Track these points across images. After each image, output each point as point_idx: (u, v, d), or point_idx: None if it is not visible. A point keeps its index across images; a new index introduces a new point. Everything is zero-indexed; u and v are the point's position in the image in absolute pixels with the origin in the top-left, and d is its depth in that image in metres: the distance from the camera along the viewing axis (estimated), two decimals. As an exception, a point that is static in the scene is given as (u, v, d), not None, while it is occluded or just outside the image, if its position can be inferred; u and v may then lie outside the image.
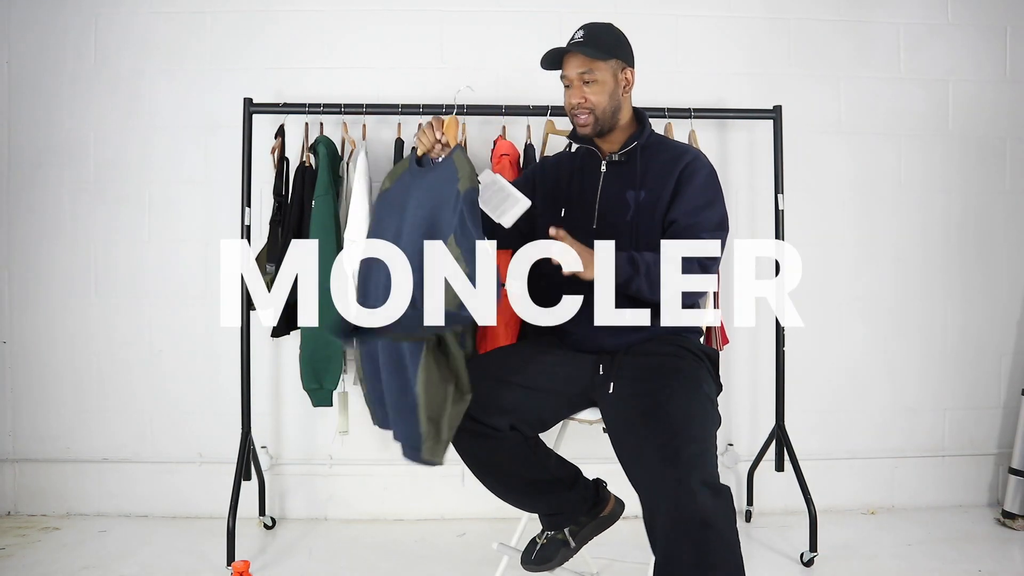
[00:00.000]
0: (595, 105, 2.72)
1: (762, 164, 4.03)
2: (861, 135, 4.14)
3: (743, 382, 4.10)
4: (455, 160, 2.58)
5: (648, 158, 2.75)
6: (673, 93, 3.98)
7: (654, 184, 2.69)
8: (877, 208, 4.16)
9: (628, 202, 2.70)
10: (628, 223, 2.68)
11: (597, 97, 2.72)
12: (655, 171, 2.71)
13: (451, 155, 2.62)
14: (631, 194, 2.70)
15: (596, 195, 2.76)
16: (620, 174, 2.76)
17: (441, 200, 2.55)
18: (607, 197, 2.74)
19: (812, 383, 4.13)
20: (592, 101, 2.72)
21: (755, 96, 4.04)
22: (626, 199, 2.71)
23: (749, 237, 4.07)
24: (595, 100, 2.72)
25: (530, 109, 3.69)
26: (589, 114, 2.73)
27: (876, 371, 4.18)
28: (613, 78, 2.74)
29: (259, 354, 3.88)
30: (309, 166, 3.66)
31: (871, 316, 4.17)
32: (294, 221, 3.64)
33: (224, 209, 3.94)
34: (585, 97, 2.72)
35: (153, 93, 4.01)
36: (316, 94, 3.88)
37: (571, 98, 2.74)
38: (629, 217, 2.68)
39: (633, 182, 2.72)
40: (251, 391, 3.65)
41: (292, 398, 4.00)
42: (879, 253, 4.16)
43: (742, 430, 4.11)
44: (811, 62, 4.13)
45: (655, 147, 2.78)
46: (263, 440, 3.99)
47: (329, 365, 3.64)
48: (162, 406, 4.03)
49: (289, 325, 3.68)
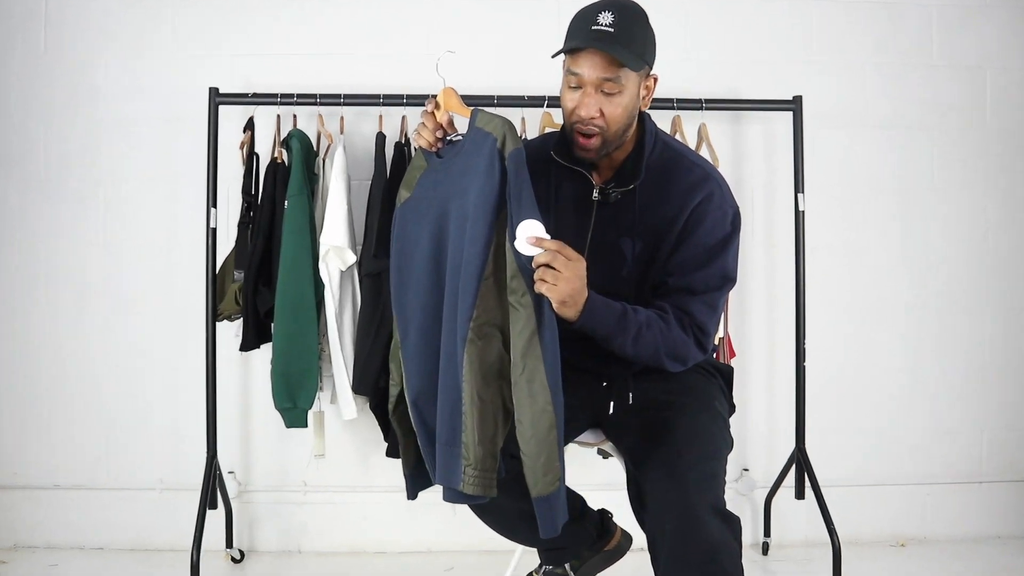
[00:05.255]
0: (610, 123, 2.39)
1: (780, 160, 4.05)
2: (889, 128, 4.16)
3: (759, 401, 4.12)
4: (480, 123, 2.31)
5: (649, 194, 2.49)
6: (682, 82, 3.88)
7: (653, 234, 2.47)
8: (907, 209, 4.18)
9: (624, 253, 2.50)
10: (624, 279, 2.50)
11: (615, 113, 2.39)
12: (655, 216, 2.47)
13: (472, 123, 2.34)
14: (627, 244, 2.49)
15: (587, 239, 2.52)
16: (615, 215, 2.51)
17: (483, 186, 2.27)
18: (599, 243, 2.52)
19: (835, 402, 4.14)
20: (608, 118, 2.38)
21: (773, 85, 4.03)
22: (621, 249, 2.50)
23: (766, 241, 4.10)
24: (612, 116, 2.39)
25: (525, 100, 3.69)
26: (598, 136, 2.40)
27: (906, 388, 4.20)
28: (637, 89, 2.42)
29: (226, 369, 3.88)
30: (281, 162, 3.67)
31: (900, 328, 4.19)
32: (265, 223, 3.65)
33: (187, 210, 3.95)
34: (601, 111, 2.38)
35: (109, 83, 4.02)
36: (289, 83, 3.86)
37: (580, 107, 2.38)
38: (625, 272, 2.50)
39: (630, 228, 2.49)
40: (217, 410, 3.66)
41: (262, 418, 3.99)
42: (909, 259, 4.18)
43: (758, 454, 4.13)
44: (834, 48, 4.14)
45: (659, 174, 2.50)
46: (230, 465, 4.01)
47: (304, 382, 3.63)
48: (119, 427, 4.03)
49: (259, 337, 3.70)
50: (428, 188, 2.50)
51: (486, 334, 2.25)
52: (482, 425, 2.24)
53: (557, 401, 2.19)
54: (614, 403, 2.58)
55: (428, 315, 2.42)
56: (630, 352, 2.36)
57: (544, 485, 2.22)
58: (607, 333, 2.32)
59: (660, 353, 2.40)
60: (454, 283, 2.30)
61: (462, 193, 2.33)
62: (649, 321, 2.35)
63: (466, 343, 2.23)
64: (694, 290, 2.43)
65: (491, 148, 2.25)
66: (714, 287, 2.45)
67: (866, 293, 4.17)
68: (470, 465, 2.24)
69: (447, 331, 2.32)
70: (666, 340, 2.38)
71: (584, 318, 2.27)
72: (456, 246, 2.32)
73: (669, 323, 2.39)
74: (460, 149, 2.39)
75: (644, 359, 2.41)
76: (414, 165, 2.57)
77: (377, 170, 3.69)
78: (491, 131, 2.27)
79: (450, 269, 2.34)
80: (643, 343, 2.35)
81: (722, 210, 2.46)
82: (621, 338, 2.32)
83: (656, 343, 2.37)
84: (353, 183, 3.75)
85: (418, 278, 2.45)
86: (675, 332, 2.39)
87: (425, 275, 2.43)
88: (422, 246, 2.45)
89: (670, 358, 2.42)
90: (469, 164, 2.33)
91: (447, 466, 2.31)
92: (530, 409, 2.19)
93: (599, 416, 2.65)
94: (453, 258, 2.33)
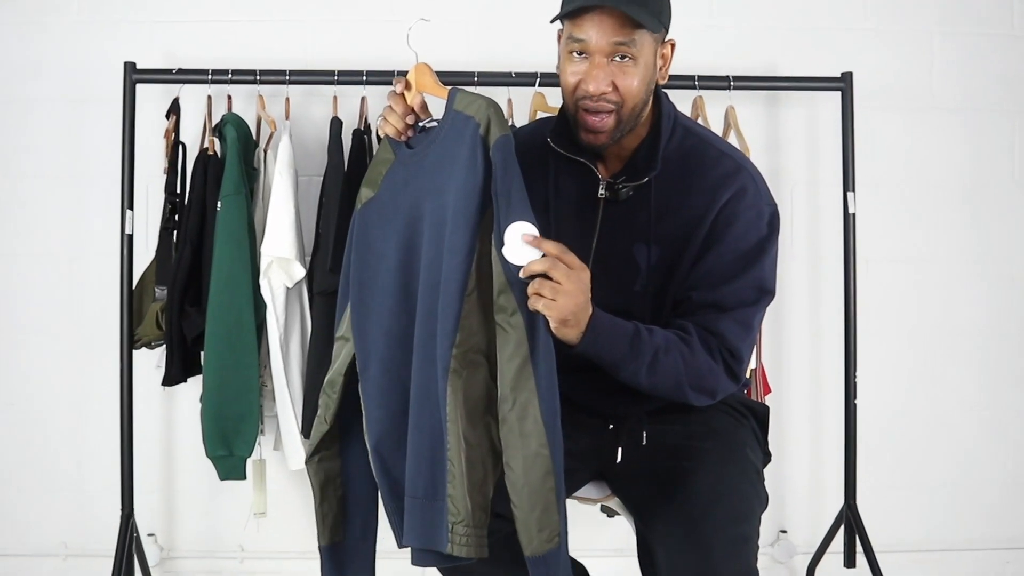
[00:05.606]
0: (625, 99, 2.35)
1: (826, 151, 4.07)
2: (960, 112, 4.18)
3: (799, 448, 4.14)
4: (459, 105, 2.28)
5: (668, 189, 2.45)
6: (705, 55, 3.91)
7: (673, 238, 2.43)
8: (983, 211, 4.20)
9: (637, 262, 2.46)
10: (637, 294, 2.46)
11: (631, 84, 2.34)
12: (676, 216, 2.43)
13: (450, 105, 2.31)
14: (641, 251, 2.46)
15: (591, 245, 2.50)
16: (626, 216, 2.47)
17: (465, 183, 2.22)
18: (607, 251, 2.49)
19: (893, 450, 4.16)
20: (623, 91, 2.34)
21: (817, 60, 4.03)
22: (633, 257, 2.46)
23: (808, 251, 4.12)
24: (628, 90, 2.34)
25: (512, 77, 3.72)
26: (612, 114, 2.36)
27: (981, 433, 4.21)
28: (653, 56, 2.39)
29: (145, 409, 3.87)
30: (213, 154, 3.67)
31: (975, 359, 4.20)
32: (193, 229, 3.65)
33: (97, 212, 3.96)
34: (614, 83, 2.33)
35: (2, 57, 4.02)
36: (223, 57, 3.85)
37: (588, 81, 2.34)
38: (639, 286, 2.46)
39: (644, 231, 2.46)
40: (134, 459, 3.66)
41: (190, 468, 3.99)
42: (985, 273, 4.20)
43: (799, 513, 4.14)
44: (892, 15, 4.16)
45: (679, 165, 2.47)
46: (150, 525, 4.00)
47: (241, 425, 3.62)
48: (11, 480, 4.03)
49: (186, 370, 3.70)
50: (396, 186, 2.45)
51: (471, 362, 2.22)
52: (471, 473, 2.21)
53: (554, 441, 2.13)
54: (623, 450, 2.55)
55: (393, 342, 2.39)
56: (644, 383, 2.31)
57: (540, 543, 2.17)
58: (616, 359, 2.27)
59: (682, 383, 2.33)
60: (430, 302, 2.26)
61: (438, 192, 2.29)
62: (668, 344, 2.30)
63: (448, 374, 2.19)
64: (723, 306, 2.38)
65: (473, 135, 2.21)
66: (748, 302, 2.41)
67: (932, 316, 4.19)
68: (460, 522, 2.20)
69: (421, 360, 2.29)
70: (689, 367, 2.32)
71: (588, 341, 2.21)
72: (432, 257, 2.27)
73: (693, 346, 2.33)
74: (435, 138, 2.34)
75: (662, 391, 2.36)
76: (379, 158, 2.53)
77: (331, 163, 3.68)
78: (472, 114, 2.23)
79: (424, 286, 2.30)
80: (661, 371, 2.29)
81: (757, 208, 2.43)
82: (633, 365, 2.27)
83: (677, 371, 2.31)
84: (301, 179, 3.77)
85: (382, 298, 2.42)
86: (700, 357, 2.34)
87: (391, 294, 2.39)
88: (388, 258, 2.42)
89: (695, 390, 2.37)
90: (446, 155, 2.29)
91: (427, 524, 2.28)
92: (522, 452, 2.14)
93: (604, 466, 2.63)
94: (429, 272, 2.29)
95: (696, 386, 2.36)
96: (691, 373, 2.33)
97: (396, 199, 2.44)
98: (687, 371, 2.32)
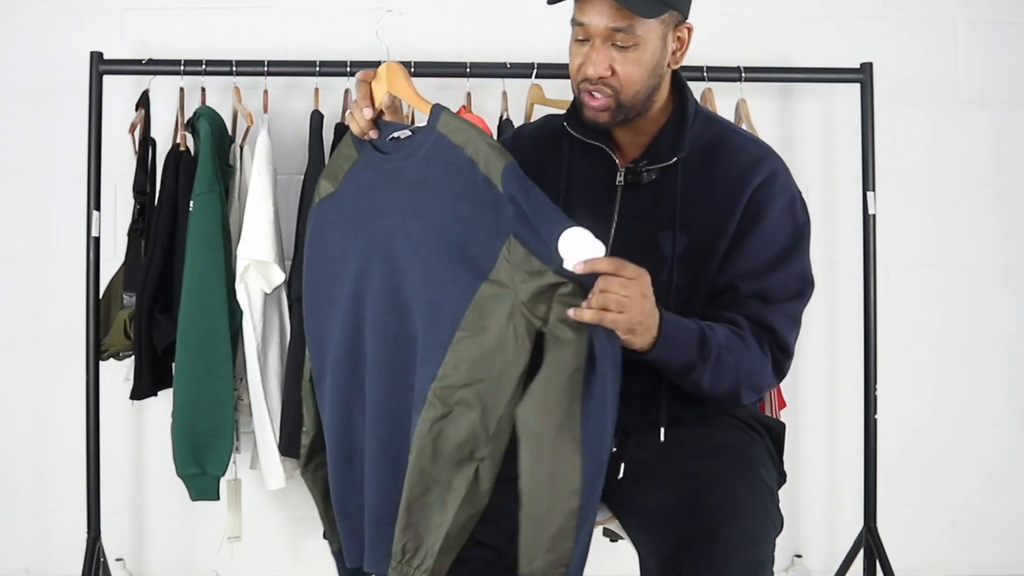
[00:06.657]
0: (624, 85, 2.37)
1: (844, 148, 4.05)
2: (987, 105, 4.17)
3: (816, 467, 4.13)
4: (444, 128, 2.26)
5: (693, 174, 2.46)
6: (715, 45, 3.88)
7: (702, 222, 2.43)
8: (1012, 212, 4.19)
9: (662, 251, 2.44)
10: (663, 285, 2.38)
11: (631, 71, 2.36)
12: (705, 200, 2.44)
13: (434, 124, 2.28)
14: (666, 238, 2.45)
15: (609, 235, 2.48)
16: (648, 201, 2.47)
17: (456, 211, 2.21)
18: (627, 238, 2.46)
19: (916, 469, 4.15)
20: (622, 77, 2.36)
21: (834, 50, 4.03)
22: (658, 246, 2.45)
23: (825, 255, 4.10)
24: (627, 76, 2.36)
25: (507, 68, 3.71)
26: (610, 97, 2.38)
27: (1009, 450, 4.21)
28: (661, 41, 2.39)
29: (112, 424, 3.86)
30: (186, 150, 3.67)
31: (1003, 370, 4.20)
32: (164, 231, 3.63)
33: (62, 214, 3.96)
34: (612, 68, 2.36)
35: (-44, 48, 4.01)
36: (196, 46, 3.85)
37: (587, 64, 2.37)
38: (664, 276, 2.42)
39: (670, 217, 2.45)
40: (100, 478, 3.63)
41: (161, 488, 3.99)
42: (1015, 279, 4.20)
43: (815, 536, 4.13)
44: (914, 2, 4.16)
45: (702, 153, 2.48)
46: (119, 549, 3.98)
47: (214, 441, 3.60)
48: (-29, 500, 4.00)
49: (156, 382, 3.68)
50: (361, 188, 2.43)
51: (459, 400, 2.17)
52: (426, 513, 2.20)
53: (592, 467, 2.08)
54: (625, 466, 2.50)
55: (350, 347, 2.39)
56: (705, 386, 2.30)
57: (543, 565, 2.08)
58: (686, 362, 2.24)
59: (739, 383, 2.35)
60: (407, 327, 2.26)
61: (415, 212, 2.27)
62: (728, 342, 2.29)
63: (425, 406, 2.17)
64: (769, 297, 2.39)
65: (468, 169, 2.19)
66: (794, 294, 2.42)
67: (957, 324, 4.18)
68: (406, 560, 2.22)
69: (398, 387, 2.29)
70: (745, 364, 2.33)
71: (660, 347, 2.18)
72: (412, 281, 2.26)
73: (747, 342, 2.33)
74: (413, 152, 2.31)
75: (719, 393, 2.35)
76: (342, 152, 2.52)
77: (312, 160, 3.67)
78: (461, 145, 2.21)
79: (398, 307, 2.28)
80: (722, 372, 2.29)
81: (790, 193, 2.47)
82: (700, 367, 2.25)
83: (737, 371, 2.32)
84: (281, 177, 3.73)
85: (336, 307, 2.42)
86: (754, 353, 2.34)
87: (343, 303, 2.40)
88: (348, 262, 2.40)
89: (749, 388, 2.39)
90: (429, 178, 2.26)
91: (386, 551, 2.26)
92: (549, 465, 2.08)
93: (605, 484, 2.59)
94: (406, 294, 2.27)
95: (751, 384, 2.38)
96: (747, 370, 2.34)
97: (359, 202, 2.42)
98: (744, 368, 2.33)
